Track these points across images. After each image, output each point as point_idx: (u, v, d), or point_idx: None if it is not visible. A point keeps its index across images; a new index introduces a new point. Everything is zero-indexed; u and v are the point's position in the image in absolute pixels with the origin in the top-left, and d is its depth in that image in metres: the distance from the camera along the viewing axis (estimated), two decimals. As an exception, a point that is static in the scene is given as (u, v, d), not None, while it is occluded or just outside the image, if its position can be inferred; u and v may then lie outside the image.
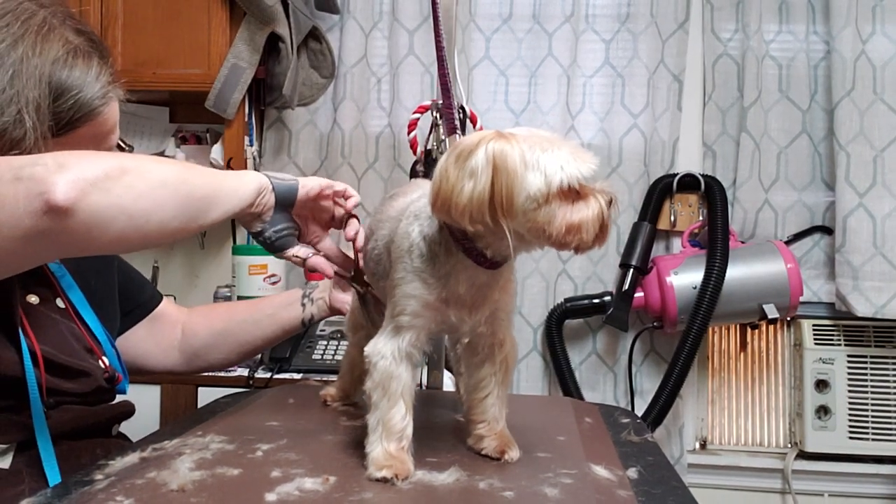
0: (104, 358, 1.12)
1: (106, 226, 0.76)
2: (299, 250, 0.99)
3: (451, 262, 0.86)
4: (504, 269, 0.89)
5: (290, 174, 1.00)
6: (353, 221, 1.04)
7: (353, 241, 1.03)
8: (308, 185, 0.97)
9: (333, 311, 1.29)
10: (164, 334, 1.32)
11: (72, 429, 1.02)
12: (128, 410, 1.15)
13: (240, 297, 2.21)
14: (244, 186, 0.92)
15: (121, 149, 1.08)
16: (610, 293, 2.33)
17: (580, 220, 0.79)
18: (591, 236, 0.80)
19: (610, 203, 0.81)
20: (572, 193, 0.80)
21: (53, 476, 0.96)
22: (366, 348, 0.90)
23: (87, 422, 1.05)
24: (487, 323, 0.91)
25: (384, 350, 0.87)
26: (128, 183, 0.78)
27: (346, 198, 1.03)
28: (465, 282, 0.87)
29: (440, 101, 1.29)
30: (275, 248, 0.97)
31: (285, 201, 0.95)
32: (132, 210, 0.77)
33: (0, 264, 0.76)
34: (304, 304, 1.27)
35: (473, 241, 0.84)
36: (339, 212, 1.03)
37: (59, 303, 1.09)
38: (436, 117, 1.34)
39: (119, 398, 1.15)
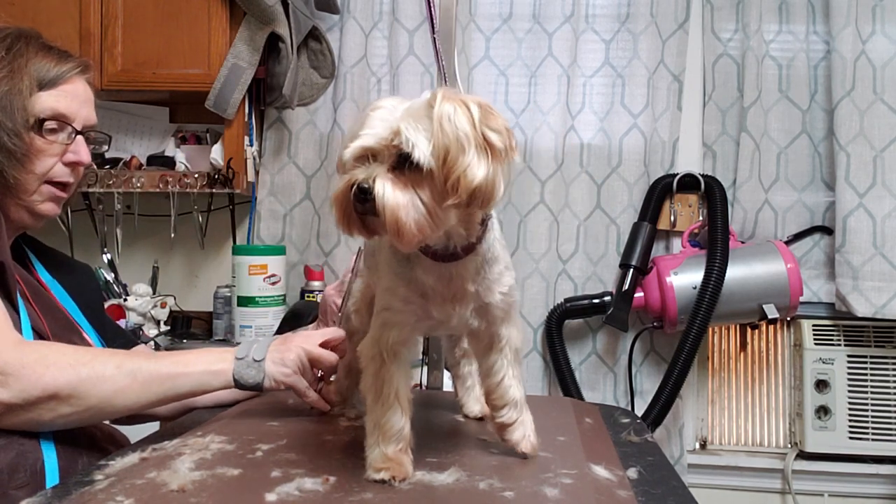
0: None
1: None
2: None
3: (411, 254, 0.85)
4: (468, 262, 0.85)
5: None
6: None
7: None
8: (277, 377, 1.10)
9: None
10: None
11: None
12: None
13: (239, 298, 2.21)
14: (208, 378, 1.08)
15: (98, 142, 1.24)
16: (610, 293, 2.33)
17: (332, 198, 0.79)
18: (336, 217, 0.78)
19: (351, 187, 0.76)
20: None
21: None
22: (359, 347, 0.90)
23: None
24: (480, 318, 0.90)
25: (372, 350, 0.88)
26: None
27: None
28: (429, 273, 0.85)
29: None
30: None
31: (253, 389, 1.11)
32: None
33: None
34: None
35: None
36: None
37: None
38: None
39: None
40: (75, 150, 1.15)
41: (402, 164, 0.76)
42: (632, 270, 2.29)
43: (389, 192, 0.74)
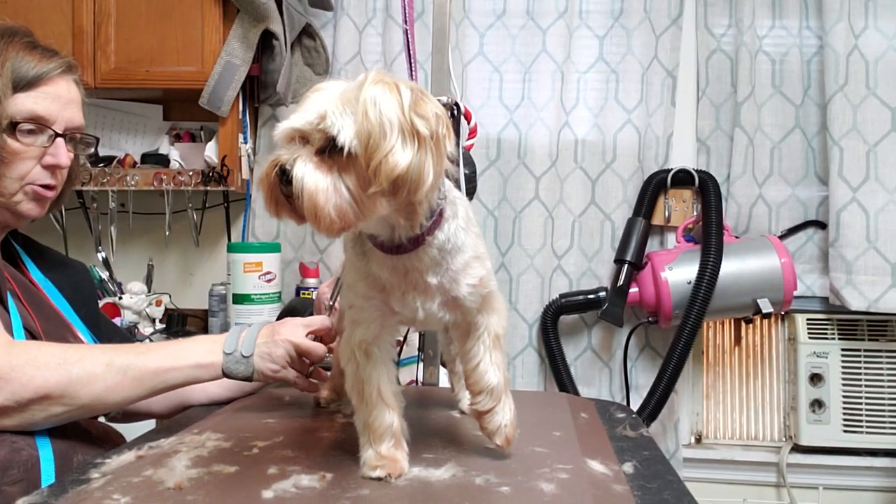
0: None
1: None
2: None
3: (367, 247, 0.84)
4: (422, 254, 0.81)
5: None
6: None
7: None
8: (265, 373, 1.10)
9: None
10: None
11: None
12: None
13: (235, 296, 2.20)
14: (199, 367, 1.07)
15: (85, 143, 1.20)
16: (605, 289, 2.34)
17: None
18: (264, 199, 0.76)
19: (274, 168, 0.74)
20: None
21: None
22: (339, 348, 0.90)
23: None
24: (452, 311, 0.87)
25: (347, 351, 0.87)
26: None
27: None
28: (383, 266, 0.83)
29: (441, 99, 1.28)
30: None
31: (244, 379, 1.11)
32: None
33: None
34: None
35: None
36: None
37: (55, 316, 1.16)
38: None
39: None
40: (54, 153, 1.12)
41: (330, 148, 0.73)
42: (626, 266, 2.30)
43: (309, 175, 0.72)
